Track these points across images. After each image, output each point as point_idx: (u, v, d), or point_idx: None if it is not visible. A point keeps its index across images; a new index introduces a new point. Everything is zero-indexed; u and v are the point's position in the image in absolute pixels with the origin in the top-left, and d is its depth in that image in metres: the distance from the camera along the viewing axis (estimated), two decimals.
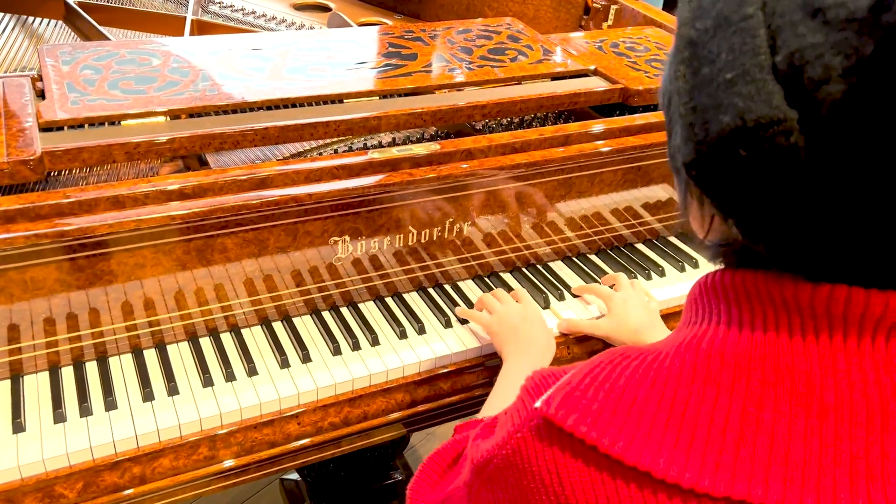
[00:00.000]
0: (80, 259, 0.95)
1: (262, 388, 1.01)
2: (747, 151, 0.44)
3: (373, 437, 1.09)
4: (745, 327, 0.50)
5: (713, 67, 0.46)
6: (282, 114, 1.14)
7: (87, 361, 1.03)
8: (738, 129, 0.44)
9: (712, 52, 0.46)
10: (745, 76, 0.44)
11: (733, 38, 0.45)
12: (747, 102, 0.43)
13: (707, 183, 0.48)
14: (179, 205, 0.97)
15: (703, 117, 0.46)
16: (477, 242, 1.23)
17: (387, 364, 1.07)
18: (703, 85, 0.46)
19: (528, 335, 1.05)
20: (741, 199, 0.47)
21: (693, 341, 0.52)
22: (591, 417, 0.51)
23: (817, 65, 0.41)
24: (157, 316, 1.05)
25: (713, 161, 0.47)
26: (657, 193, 1.37)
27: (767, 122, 0.43)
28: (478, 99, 1.23)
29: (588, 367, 0.54)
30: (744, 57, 0.44)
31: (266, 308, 1.12)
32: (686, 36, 0.49)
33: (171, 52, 1.25)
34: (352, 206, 1.08)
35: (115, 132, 1.04)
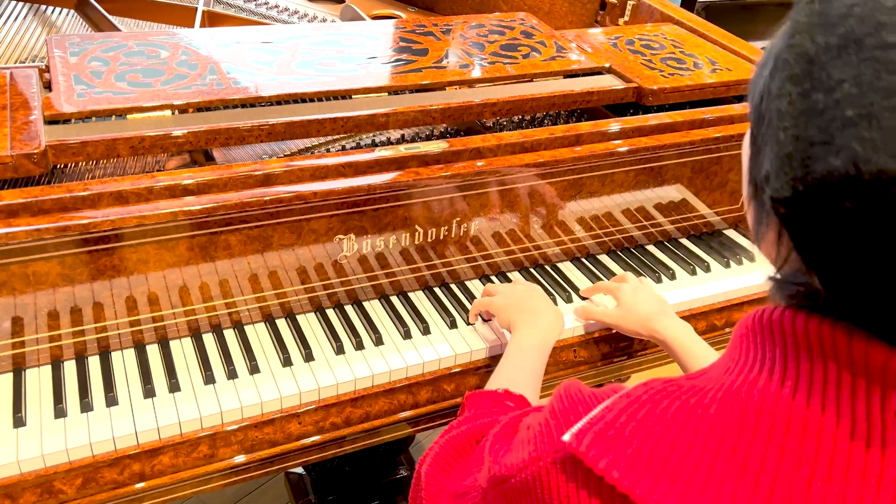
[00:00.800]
0: (83, 254, 0.95)
1: (263, 386, 1.01)
2: (854, 205, 0.39)
3: (375, 437, 1.08)
4: (801, 383, 0.45)
5: (831, 97, 0.39)
6: (289, 109, 1.13)
7: (89, 356, 1.03)
8: (849, 177, 0.38)
9: (832, 77, 0.40)
10: (872, 119, 0.37)
11: (863, 67, 0.38)
12: (868, 151, 0.37)
13: (796, 226, 0.43)
14: (183, 201, 0.96)
15: (807, 153, 0.40)
16: (484, 241, 1.21)
17: (390, 365, 1.06)
18: (813, 114, 0.40)
19: (536, 307, 1.05)
20: (832, 252, 0.41)
21: (743, 389, 0.47)
22: (626, 462, 0.46)
23: None
24: (161, 311, 1.05)
25: (808, 204, 0.41)
26: (670, 194, 1.34)
27: (888, 179, 0.37)
28: (489, 96, 1.21)
29: (625, 403, 0.50)
30: (874, 95, 0.38)
31: (270, 305, 1.11)
32: (802, 49, 0.42)
33: (179, 44, 1.24)
34: (358, 205, 1.07)
35: (121, 126, 1.03)
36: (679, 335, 1.06)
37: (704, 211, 1.41)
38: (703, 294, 1.27)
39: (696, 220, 1.41)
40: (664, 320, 1.09)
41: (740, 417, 0.45)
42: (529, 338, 1.00)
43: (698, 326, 1.22)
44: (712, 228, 1.45)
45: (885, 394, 0.42)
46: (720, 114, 1.31)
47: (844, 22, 0.40)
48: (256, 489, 1.80)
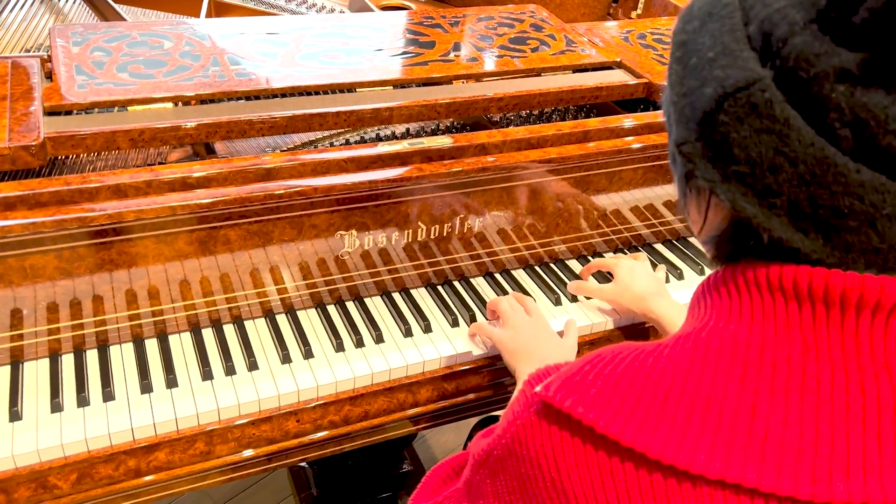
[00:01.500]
0: (81, 248, 0.94)
1: (261, 383, 1.00)
2: (729, 117, 0.46)
3: (374, 436, 1.07)
4: (744, 316, 0.50)
5: (700, 55, 0.49)
6: (292, 102, 1.11)
7: (87, 349, 1.02)
8: (720, 97, 0.47)
9: (699, 43, 0.50)
10: (725, 51, 0.47)
11: (714, 25, 0.49)
12: (727, 71, 0.47)
13: (697, 159, 0.49)
14: (182, 196, 0.95)
15: (691, 98, 0.49)
16: (489, 238, 1.20)
17: (390, 363, 1.05)
18: (691, 71, 0.50)
19: (541, 355, 1.01)
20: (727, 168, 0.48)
21: (693, 333, 0.52)
22: (590, 399, 0.51)
23: (783, 24, 0.45)
24: (160, 306, 1.04)
25: (702, 135, 0.48)
26: (668, 187, 1.32)
27: (745, 84, 0.45)
28: (495, 91, 1.19)
29: (589, 357, 0.55)
30: (724, 37, 0.48)
31: (271, 300, 1.10)
32: (678, 41, 0.52)
33: (183, 34, 1.22)
34: (359, 200, 1.05)
35: (121, 118, 1.02)
36: (672, 316, 1.06)
37: None
38: None
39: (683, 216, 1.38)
40: (659, 300, 1.10)
41: (691, 353, 0.50)
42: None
43: None
44: None
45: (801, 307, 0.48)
46: None
47: (701, 8, 0.51)
48: (258, 482, 1.80)
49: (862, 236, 0.45)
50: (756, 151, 0.46)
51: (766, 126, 0.45)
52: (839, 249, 0.46)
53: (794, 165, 0.44)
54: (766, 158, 0.45)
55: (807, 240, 0.46)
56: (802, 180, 0.45)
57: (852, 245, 0.45)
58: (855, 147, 0.43)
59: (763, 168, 0.46)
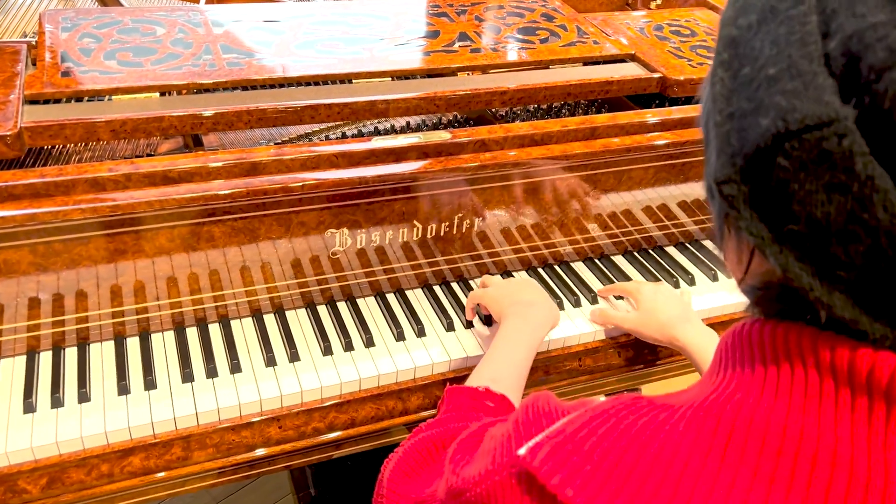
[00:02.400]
0: (56, 243, 0.90)
1: (244, 387, 0.96)
2: (790, 162, 0.36)
3: (361, 444, 1.03)
4: (781, 395, 0.41)
5: (755, 66, 0.38)
6: (284, 93, 1.06)
7: (67, 347, 0.99)
8: (780, 134, 0.36)
9: (755, 48, 0.39)
10: (791, 70, 0.36)
11: (779, 28, 0.38)
12: (791, 101, 0.36)
13: (742, 205, 0.39)
14: (162, 191, 0.91)
15: (740, 124, 0.38)
16: (490, 238, 1.14)
17: (379, 368, 1.00)
18: (742, 87, 0.39)
19: (528, 298, 0.98)
20: (781, 225, 0.38)
21: (715, 402, 0.43)
22: (581, 480, 0.43)
23: (879, 48, 0.33)
24: (144, 304, 1.00)
25: (751, 177, 0.38)
26: (695, 191, 1.25)
27: (816, 124, 0.35)
28: (498, 84, 1.14)
29: (587, 416, 0.46)
30: (790, 48, 0.37)
31: (259, 299, 1.06)
32: (727, 36, 0.41)
33: (177, 21, 1.18)
34: (351, 198, 1.01)
35: (104, 108, 0.98)
36: (700, 343, 0.98)
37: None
38: (725, 302, 1.18)
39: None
40: (685, 326, 1.01)
41: (710, 434, 0.41)
42: (518, 329, 0.93)
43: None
44: None
45: (856, 397, 0.38)
46: None
47: (761, 1, 0.40)
48: (256, 480, 1.77)
49: None
50: (823, 212, 0.36)
51: (841, 182, 0.35)
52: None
53: (874, 237, 0.35)
54: (835, 223, 0.35)
55: (877, 324, 0.37)
56: (883, 256, 0.35)
57: None
58: None
59: (830, 234, 0.36)
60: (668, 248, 1.30)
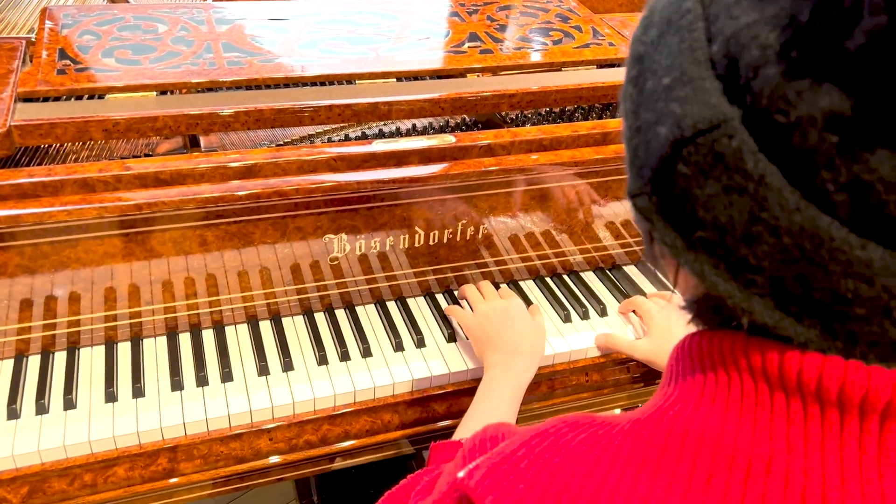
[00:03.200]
0: (44, 245, 0.88)
1: (233, 397, 0.92)
2: (689, 168, 0.35)
3: (354, 458, 0.99)
4: (717, 403, 0.40)
5: (655, 78, 0.38)
6: (284, 93, 1.03)
7: (56, 351, 0.96)
8: (676, 141, 0.36)
9: (656, 61, 0.38)
10: (683, 77, 0.36)
11: (673, 39, 0.37)
12: (684, 107, 0.36)
13: (655, 216, 0.39)
14: (151, 193, 0.88)
15: (645, 136, 0.38)
16: (497, 245, 1.10)
17: (375, 380, 0.97)
18: (646, 100, 0.38)
19: (511, 343, 0.94)
20: (691, 232, 0.37)
21: (654, 415, 0.42)
22: (513, 498, 0.41)
23: (753, 46, 0.33)
24: (137, 308, 0.97)
25: (658, 187, 0.38)
26: None
27: (707, 127, 0.35)
28: (507, 86, 1.10)
29: (528, 435, 0.45)
30: (681, 56, 0.36)
31: (256, 305, 1.03)
32: (635, 53, 0.40)
33: (180, 18, 1.16)
34: (349, 202, 0.97)
35: (98, 107, 0.95)
36: None
37: None
38: None
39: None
40: None
41: (646, 446, 0.40)
42: (501, 382, 0.89)
43: None
44: None
45: (790, 401, 0.37)
46: None
47: (661, 12, 0.39)
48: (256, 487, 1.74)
49: (874, 327, 0.34)
50: (726, 215, 0.35)
51: (737, 183, 0.34)
52: (843, 340, 0.35)
53: (776, 236, 0.34)
54: (738, 225, 0.35)
55: (800, 327, 0.35)
56: (788, 255, 0.34)
57: (860, 336, 0.34)
58: (855, 216, 0.32)
59: (736, 237, 0.35)
60: None
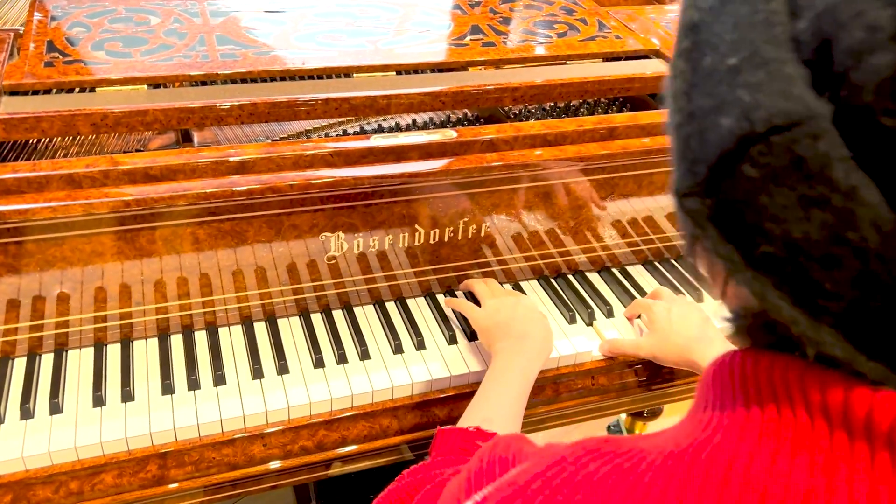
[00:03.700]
0: (29, 243, 0.84)
1: (226, 400, 0.89)
2: (758, 171, 0.29)
3: (352, 464, 0.95)
4: (766, 436, 0.34)
5: (716, 54, 0.31)
6: (279, 87, 1.00)
7: (43, 353, 0.93)
8: (744, 137, 0.29)
9: (716, 33, 0.31)
10: (754, 58, 0.29)
11: (741, 8, 0.30)
12: (755, 95, 0.29)
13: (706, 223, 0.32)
14: (140, 189, 0.85)
15: (701, 125, 0.31)
16: (499, 245, 1.07)
17: (374, 384, 0.93)
18: (703, 81, 0.32)
19: (521, 329, 0.90)
20: (752, 246, 0.31)
21: (691, 450, 0.36)
22: None
23: (856, 27, 0.26)
24: (128, 308, 0.94)
25: (715, 189, 0.31)
26: None
27: (785, 124, 0.28)
28: (510, 80, 1.06)
29: (544, 464, 0.40)
30: (753, 31, 0.30)
31: (251, 306, 1.00)
32: (688, 20, 0.33)
33: (173, 10, 1.12)
34: (347, 199, 0.94)
35: (87, 100, 0.92)
36: None
37: None
38: None
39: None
40: (704, 348, 0.92)
41: (680, 487, 0.35)
42: (509, 366, 0.86)
43: None
44: None
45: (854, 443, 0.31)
46: None
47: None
48: None
49: None
50: (800, 231, 0.29)
51: (819, 194, 0.28)
52: None
53: (863, 261, 0.28)
54: (816, 244, 0.29)
55: (876, 365, 0.30)
56: (876, 284, 0.28)
57: None
58: None
59: (811, 257, 0.29)
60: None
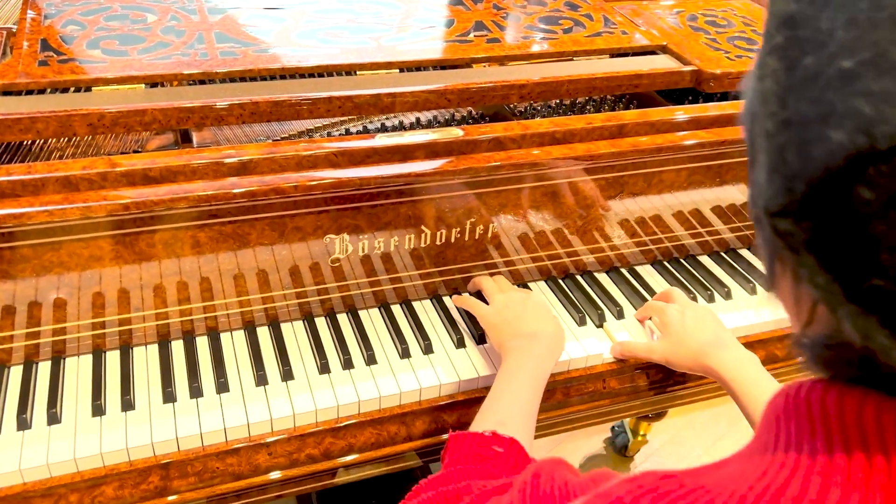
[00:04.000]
0: (24, 248, 0.82)
1: (230, 408, 0.86)
2: (876, 193, 0.26)
3: (358, 472, 0.93)
4: (854, 485, 0.30)
5: (821, 55, 0.27)
6: (281, 85, 0.97)
7: (40, 361, 0.90)
8: (861, 154, 0.26)
9: (822, 29, 0.28)
10: (879, 62, 0.25)
11: (859, 2, 0.26)
12: (879, 107, 0.25)
13: (802, 248, 0.29)
14: (139, 192, 0.82)
15: (801, 135, 0.28)
16: (505, 245, 1.04)
17: (381, 390, 0.91)
18: (804, 84, 0.28)
19: (532, 327, 0.88)
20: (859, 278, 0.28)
21: (767, 496, 0.32)
22: None
23: None
24: (127, 314, 0.91)
25: (816, 210, 0.28)
26: (731, 196, 1.14)
27: None
28: (517, 77, 1.04)
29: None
30: (877, 30, 0.26)
31: (253, 310, 0.97)
32: (782, 11, 0.30)
33: (170, 7, 1.10)
34: (352, 200, 0.91)
35: (83, 100, 0.89)
36: (739, 372, 0.86)
37: None
38: (764, 318, 1.07)
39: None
40: (719, 354, 0.89)
41: None
42: (521, 366, 0.84)
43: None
44: None
45: None
46: None
47: None
48: None
49: None
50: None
51: None
52: None
53: None
54: None
55: None
56: None
57: None
58: None
59: None
60: (701, 258, 1.19)
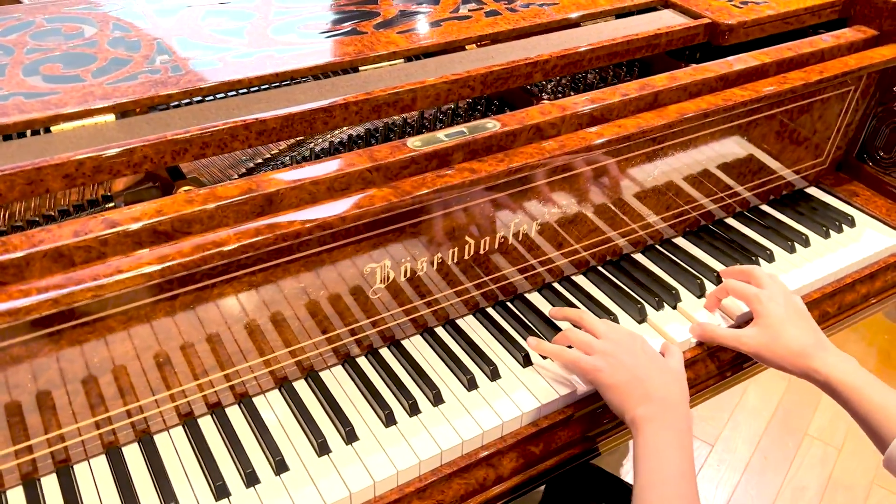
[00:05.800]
0: (15, 347, 0.64)
1: (297, 492, 0.72)
2: None
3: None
4: None
5: None
6: (278, 94, 0.81)
7: (41, 477, 0.72)
8: None
9: None
10: None
11: None
12: None
13: None
14: (155, 253, 0.65)
15: None
16: (542, 245, 0.94)
17: (460, 433, 0.78)
18: None
19: (660, 390, 0.75)
20: None
21: None
22: None
23: None
24: (138, 402, 0.74)
25: None
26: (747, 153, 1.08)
27: None
28: (538, 52, 0.92)
29: None
30: None
31: (284, 367, 0.82)
32: None
33: (108, 15, 0.90)
34: (395, 221, 0.78)
35: (44, 145, 0.70)
36: (849, 379, 0.78)
37: (782, 170, 1.15)
38: (812, 277, 1.02)
39: (775, 182, 1.16)
40: (824, 356, 0.81)
41: None
42: (669, 442, 0.72)
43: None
44: (792, 188, 1.20)
45: None
46: (810, 49, 1.04)
47: None
48: None
49: None
50: None
51: None
52: None
53: None
54: None
55: None
56: None
57: None
58: None
59: None
60: (728, 220, 1.12)
